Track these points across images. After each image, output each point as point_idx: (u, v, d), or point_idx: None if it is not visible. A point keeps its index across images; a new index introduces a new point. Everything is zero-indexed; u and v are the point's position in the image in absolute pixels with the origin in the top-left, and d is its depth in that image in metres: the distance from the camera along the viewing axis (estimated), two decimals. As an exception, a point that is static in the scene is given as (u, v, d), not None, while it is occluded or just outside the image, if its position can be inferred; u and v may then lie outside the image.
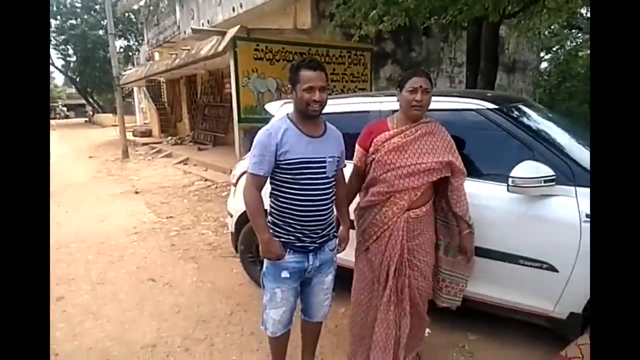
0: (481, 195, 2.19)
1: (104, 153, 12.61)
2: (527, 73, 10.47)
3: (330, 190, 1.82)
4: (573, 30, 11.61)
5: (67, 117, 42.79)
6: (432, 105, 1.99)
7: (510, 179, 2.00)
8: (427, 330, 2.32)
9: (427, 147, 1.89)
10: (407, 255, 1.92)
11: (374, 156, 1.94)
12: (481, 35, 5.01)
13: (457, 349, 2.42)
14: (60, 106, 45.85)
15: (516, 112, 2.39)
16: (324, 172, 1.76)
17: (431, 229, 2.01)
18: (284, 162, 1.71)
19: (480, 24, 4.85)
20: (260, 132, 1.76)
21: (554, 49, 11.06)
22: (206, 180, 7.70)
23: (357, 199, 2.12)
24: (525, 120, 2.37)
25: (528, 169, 1.99)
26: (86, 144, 15.45)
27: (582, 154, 2.19)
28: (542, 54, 11.76)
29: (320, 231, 1.82)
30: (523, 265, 2.14)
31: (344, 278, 2.22)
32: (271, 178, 1.79)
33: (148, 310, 2.96)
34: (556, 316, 2.13)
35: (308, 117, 1.74)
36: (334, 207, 1.91)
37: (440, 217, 2.10)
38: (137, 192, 6.94)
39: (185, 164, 9.79)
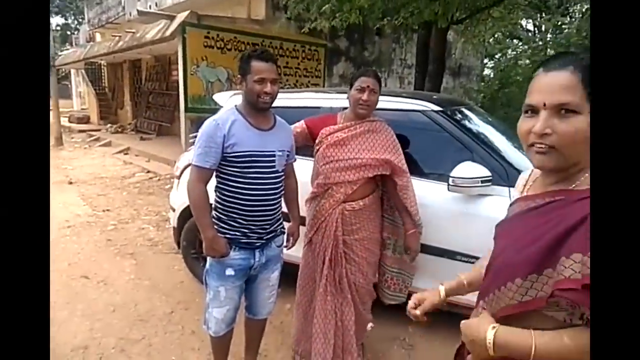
0: (424, 195, 2.26)
1: (35, 139, 11.57)
2: (471, 78, 11.05)
3: (279, 184, 1.79)
4: (514, 40, 12.42)
5: (-9, 97, 38.91)
6: (381, 105, 2.03)
7: (450, 179, 2.09)
8: (370, 324, 2.37)
9: (366, 144, 1.94)
10: (342, 247, 1.95)
11: (317, 147, 1.98)
12: (430, 38, 5.20)
13: (398, 341, 2.49)
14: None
15: (459, 115, 2.50)
16: (273, 166, 1.73)
17: (372, 226, 2.03)
18: (231, 155, 1.65)
19: (429, 27, 5.02)
20: (206, 123, 1.68)
21: (497, 56, 11.76)
22: (148, 171, 7.33)
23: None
24: (466, 123, 2.48)
25: (467, 169, 2.09)
26: (14, 128, 14.10)
27: (516, 157, 2.33)
28: (485, 61, 12.48)
29: (267, 227, 1.79)
30: (460, 260, 2.25)
31: (290, 274, 2.20)
32: (217, 171, 1.72)
33: (80, 309, 2.76)
34: (490, 310, 2.27)
35: (258, 110, 1.70)
36: (282, 202, 1.89)
37: (387, 216, 2.15)
38: (70, 183, 6.45)
39: (126, 154, 9.25)
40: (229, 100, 2.92)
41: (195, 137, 1.73)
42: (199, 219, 1.70)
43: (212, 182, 1.75)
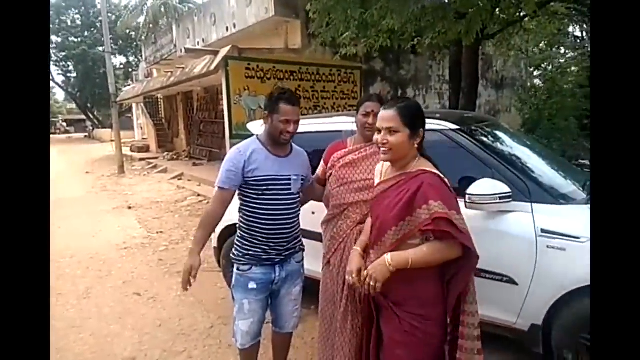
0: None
1: (101, 168, 12.74)
2: (516, 89, 10.71)
3: (295, 206, 1.96)
4: (561, 49, 11.91)
5: (67, 132, 43.22)
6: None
7: (467, 196, 2.12)
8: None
9: (375, 165, 1.98)
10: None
11: (330, 171, 2.10)
12: (462, 55, 5.20)
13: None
14: (60, 121, 46.34)
15: (478, 133, 2.52)
16: (289, 189, 1.92)
17: None
18: (251, 179, 1.85)
19: (461, 44, 5.04)
20: (231, 150, 1.91)
21: (543, 66, 11.33)
22: (199, 195, 7.81)
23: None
24: (486, 140, 2.50)
25: (484, 186, 2.10)
26: (84, 160, 15.61)
27: (539, 172, 2.31)
28: (533, 71, 12.05)
29: (285, 244, 1.95)
30: (485, 277, 2.23)
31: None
32: (240, 194, 1.93)
33: (131, 323, 3.04)
34: (519, 328, 2.20)
35: (279, 144, 1.90)
36: (300, 222, 2.03)
37: None
38: (130, 208, 7.04)
39: (179, 179, 9.91)
40: (261, 129, 3.14)
41: None
42: (198, 229, 1.89)
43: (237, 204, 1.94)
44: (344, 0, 4.12)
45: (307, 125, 2.75)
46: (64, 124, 46.26)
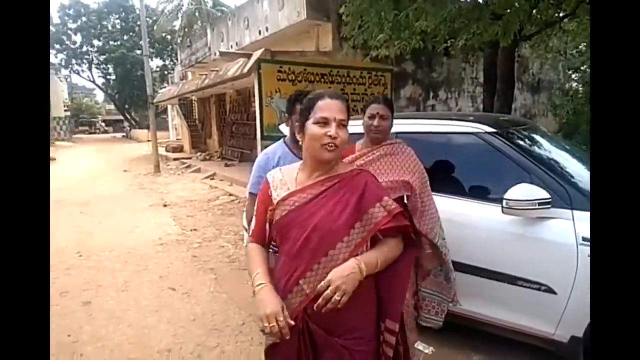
0: (477, 217, 2.26)
1: (138, 167, 13.24)
2: (553, 92, 10.33)
3: None
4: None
5: (105, 132, 45.16)
6: (433, 129, 2.09)
7: (504, 201, 2.07)
8: (430, 348, 2.37)
9: (384, 167, 1.99)
10: None
11: None
12: (497, 57, 5.08)
13: (458, 367, 2.46)
14: (99, 121, 48.53)
15: (515, 136, 2.47)
16: None
17: None
18: None
19: (496, 46, 4.93)
20: (259, 156, 1.96)
21: (582, 68, 10.88)
22: (230, 194, 7.99)
23: None
24: (524, 144, 2.44)
25: (522, 191, 2.06)
26: (121, 159, 16.26)
27: (580, 178, 2.23)
28: (571, 73, 11.58)
29: None
30: (521, 286, 2.18)
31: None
32: None
33: (166, 317, 3.15)
34: (558, 339, 2.13)
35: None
36: None
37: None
38: (165, 205, 7.29)
39: (212, 179, 10.17)
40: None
41: None
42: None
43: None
44: (377, 2, 4.12)
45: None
46: (103, 124, 48.37)
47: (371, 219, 1.26)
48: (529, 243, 2.16)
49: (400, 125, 2.36)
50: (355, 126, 2.90)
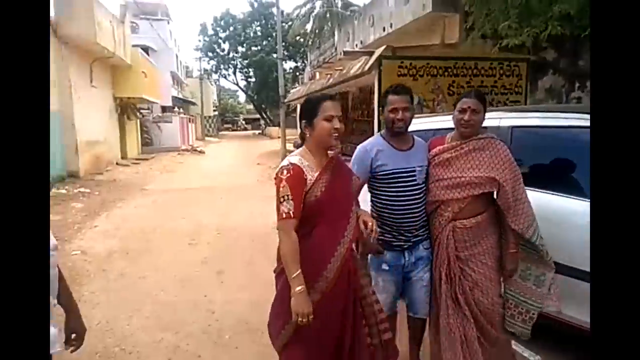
0: (584, 213, 2.02)
1: (269, 161, 14.67)
2: None
3: (421, 195, 2.03)
4: None
5: (245, 129, 50.99)
6: (542, 122, 1.96)
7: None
8: (537, 357, 2.20)
9: (472, 163, 1.95)
10: (458, 264, 1.96)
11: (427, 168, 2.07)
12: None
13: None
14: (241, 120, 54.98)
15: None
16: (414, 180, 2.00)
17: (490, 241, 1.98)
18: (379, 174, 2.01)
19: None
20: (358, 148, 2.10)
21: None
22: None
23: None
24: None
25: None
26: (256, 153, 18.20)
27: None
28: None
29: (414, 231, 2.04)
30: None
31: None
32: (370, 187, 2.10)
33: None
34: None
35: (395, 134, 2.02)
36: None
37: (522, 243, 2.04)
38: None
39: (332, 173, 10.64)
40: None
41: None
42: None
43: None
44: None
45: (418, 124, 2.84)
46: (243, 122, 54.65)
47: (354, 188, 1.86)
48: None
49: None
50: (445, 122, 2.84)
